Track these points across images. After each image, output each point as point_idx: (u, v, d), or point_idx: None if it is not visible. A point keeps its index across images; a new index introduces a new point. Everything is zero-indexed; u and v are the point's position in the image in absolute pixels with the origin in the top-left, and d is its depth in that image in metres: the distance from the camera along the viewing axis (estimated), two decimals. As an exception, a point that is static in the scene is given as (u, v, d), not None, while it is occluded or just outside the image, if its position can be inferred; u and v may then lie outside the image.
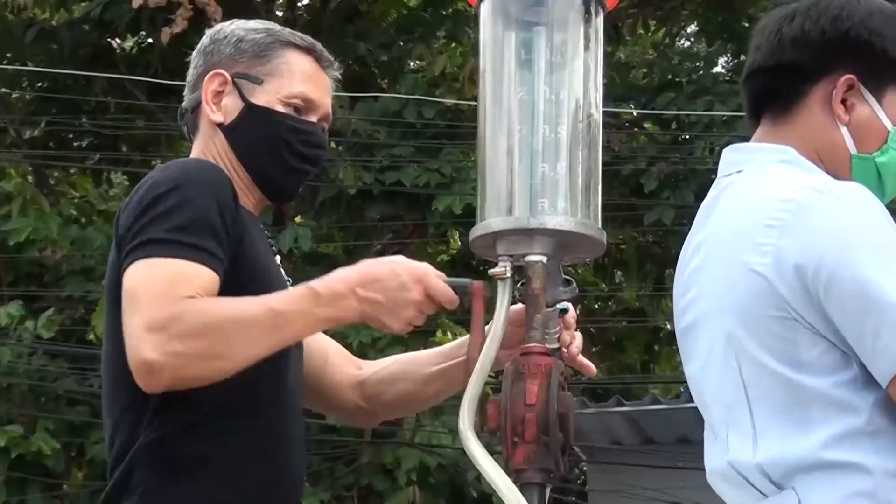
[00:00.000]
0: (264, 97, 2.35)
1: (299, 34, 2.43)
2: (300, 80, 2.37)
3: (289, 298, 2.15)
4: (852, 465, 1.82)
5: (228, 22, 2.46)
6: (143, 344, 2.05)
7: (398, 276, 2.14)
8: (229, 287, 2.16)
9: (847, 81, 1.99)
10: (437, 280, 2.15)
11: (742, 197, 1.97)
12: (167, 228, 2.13)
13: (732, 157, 2.06)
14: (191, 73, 2.43)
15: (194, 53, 2.44)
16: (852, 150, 2.00)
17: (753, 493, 1.89)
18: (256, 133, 2.35)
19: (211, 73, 2.37)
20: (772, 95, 2.04)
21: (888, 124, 2.00)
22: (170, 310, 2.06)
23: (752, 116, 2.08)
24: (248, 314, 2.10)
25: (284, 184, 2.38)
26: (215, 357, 2.08)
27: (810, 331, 1.84)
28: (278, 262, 2.41)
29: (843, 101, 2.00)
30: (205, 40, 2.43)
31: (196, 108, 2.40)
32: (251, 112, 2.35)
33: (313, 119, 2.38)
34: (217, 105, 2.36)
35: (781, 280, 1.84)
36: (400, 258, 2.19)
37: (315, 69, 2.40)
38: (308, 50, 2.40)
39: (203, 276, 2.12)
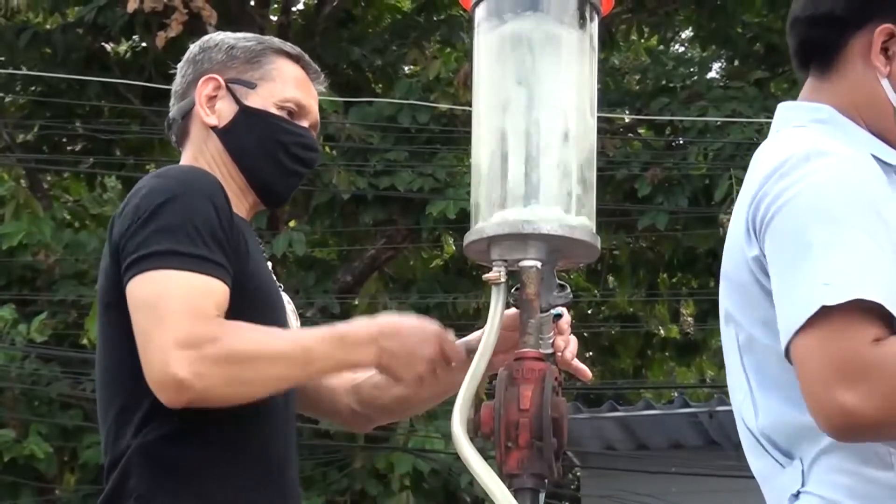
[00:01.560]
0: (258, 101, 2.37)
1: (288, 43, 2.46)
2: (293, 85, 2.40)
3: (317, 338, 2.18)
4: None
5: (216, 33, 2.49)
6: (172, 360, 2.05)
7: (419, 332, 2.20)
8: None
9: (885, 31, 1.91)
10: (452, 343, 2.22)
11: (756, 163, 1.92)
12: (176, 240, 2.13)
13: (779, 115, 2.01)
14: (178, 83, 2.44)
15: (182, 63, 2.45)
16: (894, 102, 1.91)
17: (771, 463, 1.88)
18: (251, 135, 2.36)
19: (204, 77, 2.38)
20: (812, 48, 1.97)
21: None
22: (202, 329, 2.07)
23: (801, 66, 2.01)
24: (279, 348, 2.14)
25: (279, 185, 2.39)
26: (243, 384, 2.11)
27: (769, 293, 1.83)
28: (270, 267, 2.41)
29: (885, 52, 1.91)
30: (194, 49, 2.45)
31: (185, 115, 2.40)
32: (246, 114, 2.36)
33: (305, 124, 2.40)
34: (211, 109, 2.37)
35: (748, 238, 1.84)
36: (422, 320, 2.25)
37: (305, 77, 2.44)
38: (297, 59, 2.44)
39: (217, 290, 2.14)
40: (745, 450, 1.96)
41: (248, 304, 2.19)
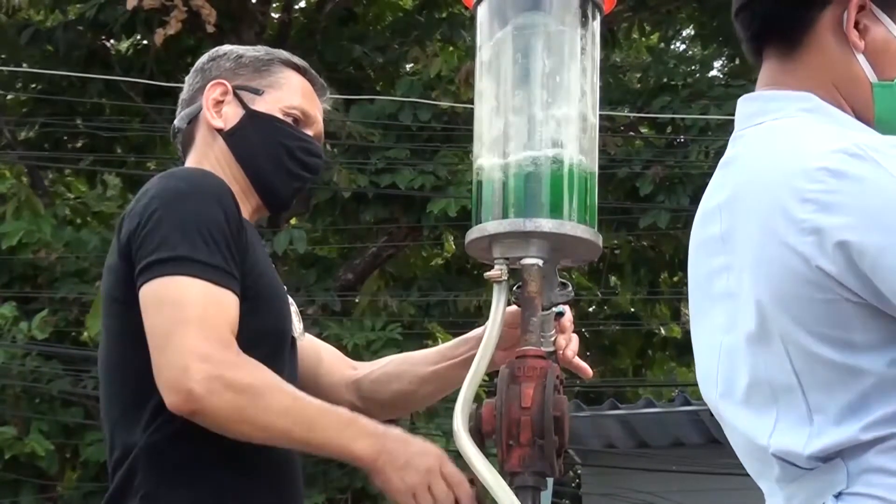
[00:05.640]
0: (264, 106, 2.40)
1: (296, 57, 2.49)
2: (299, 94, 2.43)
3: (328, 410, 2.15)
4: None
5: (225, 45, 2.52)
6: (192, 368, 2.06)
7: (421, 446, 2.14)
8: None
9: (857, 2, 1.79)
10: (454, 466, 2.13)
11: (765, 157, 1.78)
12: (192, 246, 2.13)
13: (748, 108, 1.88)
14: (186, 91, 2.46)
15: (191, 72, 2.48)
16: (872, 78, 1.80)
17: (790, 470, 1.77)
18: (257, 138, 2.37)
19: (212, 82, 2.40)
20: (773, 27, 1.84)
21: None
22: (225, 352, 2.08)
23: (754, 53, 1.89)
24: (291, 403, 2.11)
25: (282, 189, 2.40)
26: (246, 420, 2.09)
27: (862, 307, 1.68)
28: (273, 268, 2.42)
29: (856, 25, 1.79)
30: (203, 59, 2.48)
31: (191, 121, 2.42)
32: (252, 118, 2.38)
33: (309, 133, 2.42)
34: (217, 112, 2.39)
35: (825, 258, 1.67)
36: (445, 461, 2.16)
37: (311, 89, 2.46)
38: (304, 71, 2.47)
39: (231, 305, 2.14)
40: (762, 465, 1.84)
41: (254, 308, 2.19)
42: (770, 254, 1.74)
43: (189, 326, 2.08)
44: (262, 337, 2.22)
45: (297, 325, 2.41)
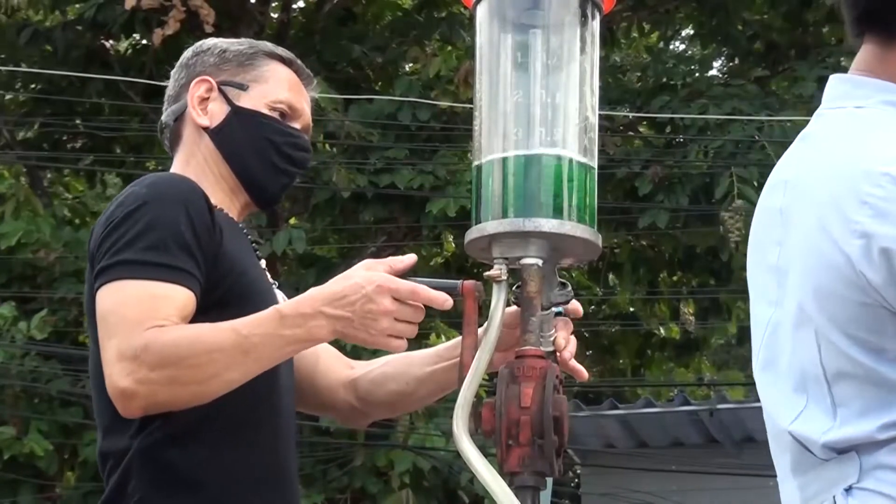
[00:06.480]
0: (250, 102, 2.39)
1: (280, 48, 2.47)
2: (285, 87, 2.41)
3: (255, 322, 2.10)
4: None
5: (209, 39, 2.50)
6: (115, 372, 2.08)
7: (361, 289, 2.08)
8: (209, 299, 2.17)
9: None
10: (399, 284, 2.09)
11: (836, 147, 1.79)
12: (137, 249, 2.13)
13: (836, 88, 1.88)
14: (171, 87, 2.45)
15: (176, 67, 2.46)
16: None
17: (808, 458, 1.80)
18: (243, 134, 2.37)
19: (196, 79, 2.39)
20: (875, 16, 1.83)
21: None
22: (139, 339, 2.07)
23: (856, 34, 1.87)
24: (213, 340, 2.08)
25: (270, 185, 2.39)
26: (185, 383, 2.08)
27: None
28: (263, 266, 2.40)
29: None
30: (187, 54, 2.46)
31: (178, 119, 2.41)
32: (238, 115, 2.37)
33: (297, 126, 2.41)
34: (203, 110, 2.38)
35: (870, 265, 1.68)
36: (363, 270, 2.11)
37: (297, 81, 2.44)
38: (289, 62, 2.45)
39: (176, 296, 2.12)
40: (777, 448, 1.86)
41: (239, 309, 2.18)
42: (818, 246, 1.74)
43: (111, 332, 2.10)
44: None
45: None
